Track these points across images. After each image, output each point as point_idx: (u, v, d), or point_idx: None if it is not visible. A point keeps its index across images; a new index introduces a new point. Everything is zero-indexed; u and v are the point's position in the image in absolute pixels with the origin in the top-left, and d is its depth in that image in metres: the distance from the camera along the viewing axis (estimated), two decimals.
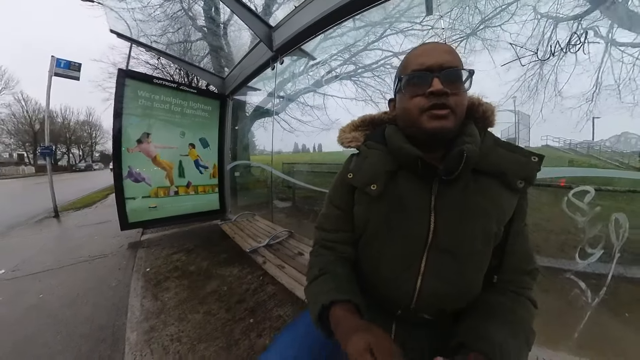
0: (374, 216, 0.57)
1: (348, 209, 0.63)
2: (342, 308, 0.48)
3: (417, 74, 0.50)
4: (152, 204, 2.97)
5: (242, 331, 1.43)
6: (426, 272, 0.52)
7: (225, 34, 5.30)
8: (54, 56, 4.72)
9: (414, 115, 0.51)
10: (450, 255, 0.51)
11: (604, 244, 1.15)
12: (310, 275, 0.60)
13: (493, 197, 0.51)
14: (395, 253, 0.55)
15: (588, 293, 1.20)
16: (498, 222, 0.52)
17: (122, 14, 3.20)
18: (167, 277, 2.03)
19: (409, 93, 0.51)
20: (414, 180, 0.55)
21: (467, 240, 0.51)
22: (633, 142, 1.55)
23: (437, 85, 0.47)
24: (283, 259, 2.01)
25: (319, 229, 0.69)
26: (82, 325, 1.50)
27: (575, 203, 1.18)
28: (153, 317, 1.55)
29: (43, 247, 2.86)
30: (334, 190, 0.67)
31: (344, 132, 0.69)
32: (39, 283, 2.00)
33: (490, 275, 0.56)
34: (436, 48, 0.51)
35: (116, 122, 2.70)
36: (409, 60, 0.53)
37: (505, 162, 0.52)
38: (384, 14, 4.38)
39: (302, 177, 5.35)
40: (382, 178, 0.56)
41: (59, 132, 39.28)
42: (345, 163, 0.67)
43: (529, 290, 0.54)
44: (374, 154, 0.60)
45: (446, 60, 0.49)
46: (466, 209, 0.51)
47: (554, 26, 2.00)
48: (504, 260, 0.55)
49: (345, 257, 0.63)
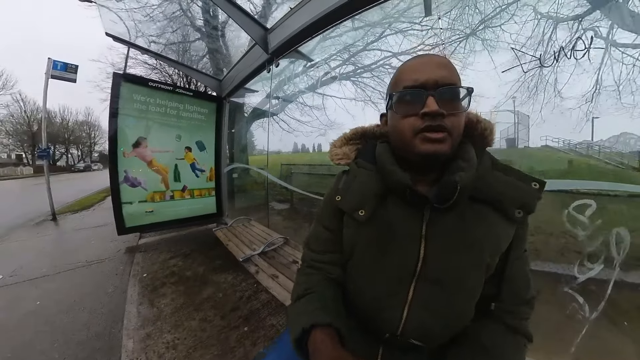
0: (362, 241, 0.55)
1: (337, 230, 0.61)
2: (323, 332, 0.46)
3: (410, 91, 0.46)
4: (149, 208, 2.97)
5: (237, 339, 1.44)
6: (413, 302, 0.50)
7: (222, 35, 5.27)
8: (51, 58, 4.69)
9: (406, 136, 0.47)
10: (440, 286, 0.49)
11: (604, 259, 1.11)
12: (295, 294, 0.59)
13: (488, 227, 0.48)
14: (382, 280, 0.53)
15: (586, 307, 1.17)
16: (492, 253, 0.49)
17: (118, 15, 3.17)
18: (163, 283, 2.04)
19: (400, 112, 0.48)
20: (404, 206, 0.51)
21: (459, 271, 0.48)
22: (632, 143, 1.54)
23: (432, 106, 0.43)
24: (277, 267, 1.99)
25: (308, 248, 0.67)
26: (79, 332, 1.51)
27: (576, 216, 1.15)
28: (149, 324, 1.56)
29: (41, 251, 2.87)
30: (323, 209, 0.65)
31: (335, 146, 0.67)
32: (36, 289, 2.01)
33: (487, 302, 0.53)
34: (430, 62, 0.46)
35: (112, 126, 2.70)
36: (400, 75, 0.49)
37: (502, 189, 0.48)
38: (382, 14, 4.35)
39: (300, 179, 5.34)
40: (371, 203, 0.53)
41: (57, 132, 39.15)
42: (336, 180, 0.64)
43: (525, 322, 0.52)
44: (363, 175, 0.57)
45: (442, 76, 0.45)
46: (459, 239, 0.48)
47: (553, 27, 1.98)
48: (502, 288, 0.52)
49: (333, 278, 0.61)
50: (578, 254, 1.21)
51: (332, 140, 0.69)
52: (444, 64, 0.46)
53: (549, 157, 2.02)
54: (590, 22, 1.60)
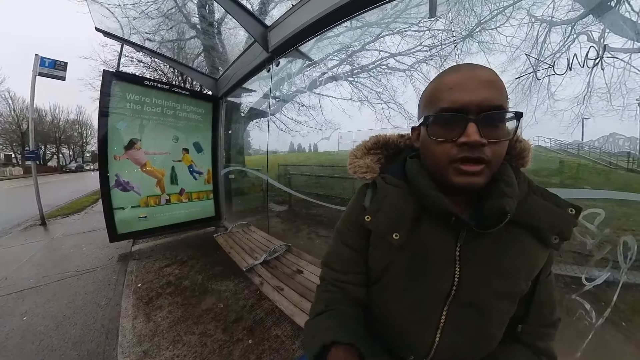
0: (394, 264, 0.52)
1: (361, 250, 0.57)
2: (343, 350, 0.44)
3: (448, 116, 0.41)
4: (142, 213, 2.85)
5: (241, 354, 1.36)
6: (446, 326, 0.49)
7: (219, 32, 5.14)
8: (38, 55, 4.50)
9: (440, 164, 0.43)
10: (474, 310, 0.48)
11: (610, 267, 1.14)
12: (315, 310, 0.57)
13: (525, 252, 0.47)
14: (414, 304, 0.51)
15: (592, 314, 1.19)
16: (527, 278, 0.48)
17: (110, 11, 3.02)
18: (159, 294, 1.94)
19: (436, 136, 0.43)
20: (440, 226, 0.48)
21: (494, 296, 0.47)
22: (621, 143, 1.56)
23: (473, 135, 0.38)
24: (281, 278, 1.92)
25: (328, 267, 0.63)
26: (70, 351, 1.41)
27: (586, 225, 1.16)
28: (146, 341, 1.47)
29: (28, 260, 2.72)
30: (346, 225, 0.60)
31: (355, 157, 0.61)
32: (22, 303, 1.88)
33: (514, 324, 0.53)
34: (474, 78, 0.40)
35: (101, 127, 2.56)
36: (437, 91, 0.44)
37: (540, 214, 0.46)
38: (381, 15, 4.31)
39: (298, 180, 5.26)
40: (406, 225, 0.49)
41: (47, 131, 38.13)
42: (358, 195, 0.59)
43: (550, 343, 0.54)
44: (394, 193, 0.52)
45: (486, 97, 0.39)
46: (495, 264, 0.46)
47: (547, 30, 2.01)
48: (530, 311, 0.52)
49: (355, 297, 0.58)
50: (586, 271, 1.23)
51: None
52: (490, 81, 0.40)
53: (541, 156, 2.05)
54: (584, 26, 1.63)
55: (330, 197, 3.82)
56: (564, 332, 1.19)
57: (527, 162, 0.52)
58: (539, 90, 1.87)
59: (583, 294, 1.20)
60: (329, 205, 2.56)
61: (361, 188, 0.60)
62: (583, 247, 1.22)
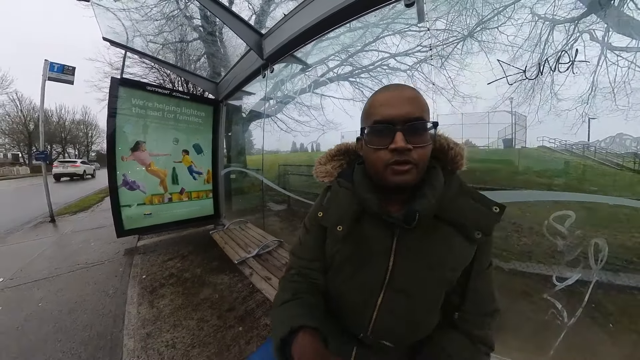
0: (340, 253, 0.61)
1: (321, 240, 0.66)
2: (310, 334, 0.49)
3: (380, 127, 0.49)
4: (147, 211, 3.03)
5: (232, 338, 1.51)
6: (381, 307, 0.57)
7: (220, 40, 5.27)
8: (47, 60, 4.69)
9: (377, 168, 0.52)
10: (404, 295, 0.55)
11: (581, 267, 1.16)
12: (281, 299, 0.61)
13: (450, 246, 0.54)
14: (358, 287, 0.59)
15: (564, 313, 1.21)
16: (453, 269, 0.55)
17: (115, 14, 3.18)
18: (162, 284, 2.10)
19: (372, 145, 0.51)
20: (378, 223, 0.57)
21: (421, 284, 0.54)
22: (628, 143, 1.56)
23: (400, 142, 0.46)
24: (270, 269, 2.06)
25: (295, 255, 0.71)
26: (81, 332, 1.57)
27: (556, 227, 1.18)
28: (149, 324, 1.62)
29: (40, 254, 2.91)
30: (310, 221, 0.69)
31: (320, 163, 0.71)
32: (37, 291, 2.06)
33: (451, 311, 0.59)
34: (400, 96, 0.49)
35: (110, 130, 2.74)
36: (372, 108, 0.52)
37: (465, 212, 0.54)
38: (380, 16, 4.38)
39: (297, 180, 5.35)
40: (349, 220, 0.59)
41: (54, 132, 38.79)
42: (320, 196, 0.70)
43: (487, 332, 0.57)
44: (343, 194, 0.62)
45: (409, 111, 0.48)
46: (422, 255, 0.54)
47: (550, 29, 1.99)
48: (466, 299, 0.57)
49: (317, 284, 0.66)
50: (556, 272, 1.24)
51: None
52: (412, 97, 0.49)
53: (545, 157, 2.09)
54: (587, 25, 1.61)
55: None
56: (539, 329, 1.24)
57: (462, 165, 0.59)
58: (542, 89, 1.84)
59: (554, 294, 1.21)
60: None
61: (323, 190, 0.71)
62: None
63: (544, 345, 1.23)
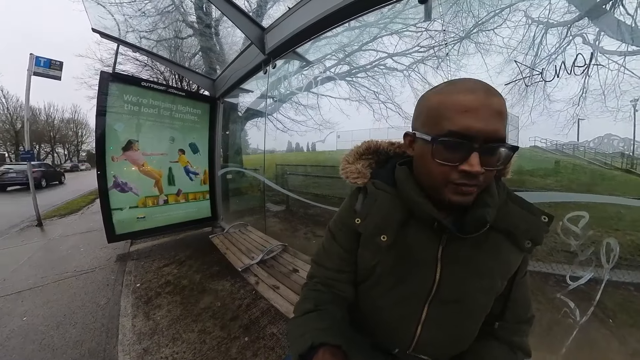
0: (382, 264, 0.56)
1: (352, 250, 0.60)
2: (332, 352, 0.46)
3: (455, 142, 0.40)
4: (140, 214, 2.86)
5: (238, 350, 1.41)
6: (426, 321, 0.54)
7: (216, 33, 5.13)
8: (33, 54, 4.46)
9: (436, 182, 0.46)
10: (452, 307, 0.52)
11: (594, 267, 1.18)
12: (302, 308, 0.57)
13: (501, 255, 0.51)
14: (399, 300, 0.55)
15: (577, 312, 1.23)
16: (502, 278, 0.53)
17: (106, 9, 3.01)
18: (158, 293, 1.97)
19: (439, 159, 0.43)
20: (424, 230, 0.52)
21: (471, 295, 0.52)
22: (615, 144, 1.60)
23: (476, 167, 0.40)
24: (277, 277, 1.95)
25: (319, 265, 0.65)
26: (71, 350, 1.44)
27: (570, 227, 1.21)
28: (146, 339, 1.50)
29: (26, 261, 2.73)
30: (338, 226, 0.63)
31: (348, 162, 0.63)
32: (22, 303, 1.91)
33: (492, 321, 0.57)
34: (488, 105, 0.39)
35: (99, 128, 2.57)
36: (446, 108, 0.42)
37: (516, 221, 0.51)
38: (379, 16, 4.35)
39: (296, 180, 5.27)
40: (393, 228, 0.53)
41: (42, 130, 37.62)
42: (350, 198, 0.63)
43: (525, 339, 0.57)
44: (383, 198, 0.55)
45: (496, 129, 0.40)
46: (473, 265, 0.51)
47: (544, 32, 2.04)
48: (506, 309, 0.56)
49: (343, 296, 0.61)
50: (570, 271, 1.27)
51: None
52: (501, 112, 0.40)
53: (537, 157, 2.13)
54: (579, 29, 1.66)
55: (327, 197, 3.86)
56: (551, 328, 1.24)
57: (508, 172, 0.56)
58: (535, 91, 1.89)
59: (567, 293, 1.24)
60: (324, 206, 2.60)
61: (354, 192, 0.63)
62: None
63: (555, 343, 1.25)
